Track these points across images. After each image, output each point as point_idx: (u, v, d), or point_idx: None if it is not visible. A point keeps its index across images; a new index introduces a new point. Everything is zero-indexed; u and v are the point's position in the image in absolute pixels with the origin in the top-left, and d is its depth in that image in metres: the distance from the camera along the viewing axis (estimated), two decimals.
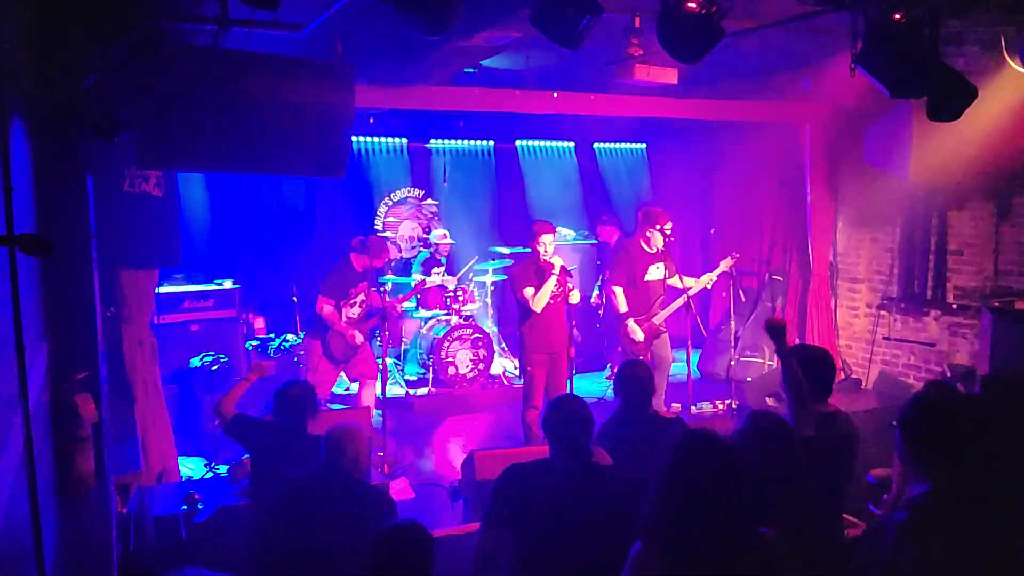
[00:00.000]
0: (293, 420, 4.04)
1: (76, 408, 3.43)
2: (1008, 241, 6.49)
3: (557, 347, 6.06)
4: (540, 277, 5.92)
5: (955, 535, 2.25)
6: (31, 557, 2.32)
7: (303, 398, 4.08)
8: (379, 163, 8.96)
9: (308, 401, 4.10)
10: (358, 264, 6.44)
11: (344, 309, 6.39)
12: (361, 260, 6.43)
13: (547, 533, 2.92)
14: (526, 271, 6.01)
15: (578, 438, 3.02)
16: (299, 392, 4.10)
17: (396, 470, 5.84)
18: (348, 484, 3.45)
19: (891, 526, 2.30)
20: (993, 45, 5.89)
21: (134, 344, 5.18)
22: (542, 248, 5.89)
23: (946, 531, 2.25)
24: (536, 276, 5.94)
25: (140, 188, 4.98)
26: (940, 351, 7.04)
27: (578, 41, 3.94)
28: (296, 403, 4.05)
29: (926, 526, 2.26)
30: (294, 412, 4.04)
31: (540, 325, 5.99)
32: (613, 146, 10.17)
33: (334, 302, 6.32)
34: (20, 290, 2.21)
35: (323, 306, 6.28)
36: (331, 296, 6.32)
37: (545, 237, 5.91)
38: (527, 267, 6.03)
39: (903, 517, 2.29)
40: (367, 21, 4.72)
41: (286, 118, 4.31)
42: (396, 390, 7.63)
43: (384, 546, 2.67)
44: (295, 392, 4.09)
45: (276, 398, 4.10)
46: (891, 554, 2.25)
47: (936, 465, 2.36)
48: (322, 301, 6.29)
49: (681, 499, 2.12)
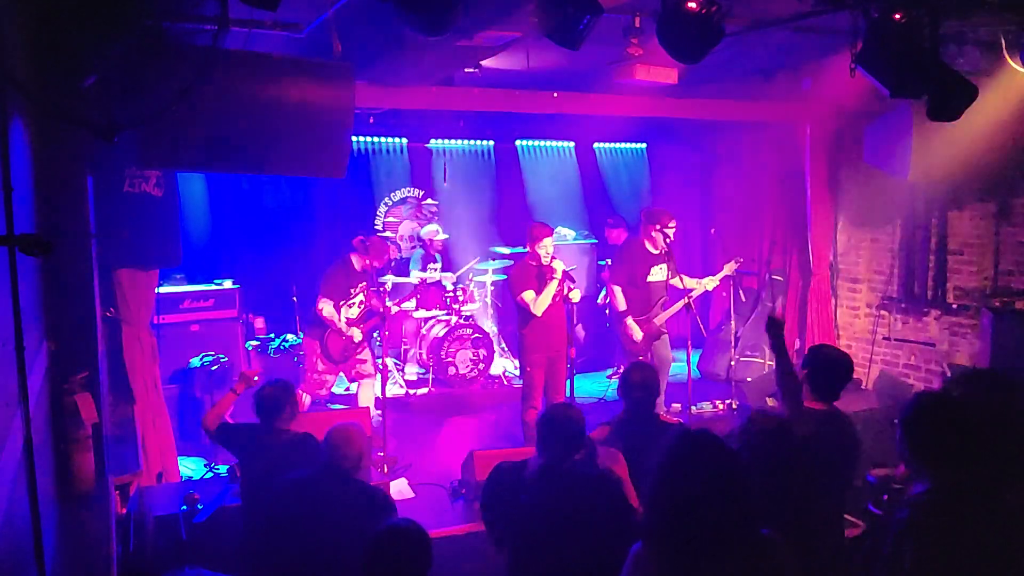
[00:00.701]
0: (270, 420, 4.03)
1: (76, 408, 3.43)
2: (1008, 241, 6.48)
3: (556, 348, 6.06)
4: (541, 281, 5.90)
5: (955, 533, 2.25)
6: (31, 557, 2.32)
7: (278, 398, 4.06)
8: (379, 163, 8.96)
9: (284, 400, 4.07)
10: (358, 264, 6.44)
11: (343, 309, 6.39)
12: (361, 260, 6.43)
13: (526, 531, 2.98)
14: (525, 273, 5.99)
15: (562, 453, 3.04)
16: (274, 392, 4.07)
17: (396, 470, 5.84)
18: (348, 484, 3.46)
19: (892, 524, 2.31)
20: (993, 45, 5.88)
21: (134, 344, 5.18)
22: (543, 252, 5.87)
23: (946, 529, 2.26)
24: (536, 279, 5.92)
25: (140, 188, 4.98)
26: (940, 351, 7.04)
27: (578, 41, 3.94)
28: (272, 403, 4.04)
29: (926, 524, 2.27)
30: (271, 412, 4.03)
31: (539, 326, 5.98)
32: (613, 146, 10.17)
33: (334, 302, 6.32)
34: (20, 290, 2.21)
35: (323, 306, 6.28)
36: (331, 296, 6.32)
37: (546, 240, 5.90)
38: (526, 269, 6.01)
39: (904, 515, 2.30)
40: (367, 21, 4.72)
41: (286, 118, 4.31)
42: (396, 390, 7.63)
43: (380, 546, 2.67)
44: (270, 392, 4.07)
45: (254, 399, 4.09)
46: (892, 551, 2.26)
47: (936, 464, 2.37)
48: (322, 301, 6.29)
49: (677, 499, 2.13)
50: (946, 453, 2.36)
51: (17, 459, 2.30)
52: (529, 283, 5.92)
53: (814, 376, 3.41)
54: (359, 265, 6.44)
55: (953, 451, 2.36)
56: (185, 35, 2.38)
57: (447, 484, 5.55)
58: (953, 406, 2.47)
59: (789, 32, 5.45)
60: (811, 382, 3.40)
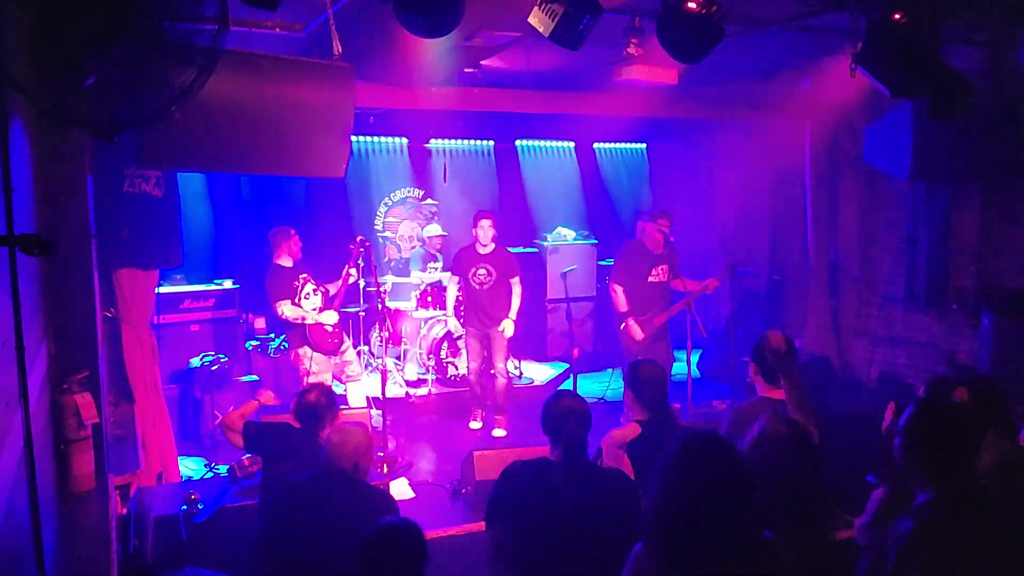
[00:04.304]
0: (313, 426, 4.05)
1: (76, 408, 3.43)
2: (1008, 241, 6.48)
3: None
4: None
5: (960, 543, 2.23)
6: (31, 557, 2.32)
7: (324, 406, 4.08)
8: (379, 163, 8.96)
9: (329, 409, 4.10)
10: (286, 261, 6.36)
11: (304, 303, 6.34)
12: (282, 256, 6.36)
13: (544, 532, 2.92)
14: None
15: (575, 434, 3.01)
16: (320, 399, 4.10)
17: (396, 470, 5.85)
18: (349, 485, 3.45)
19: (896, 537, 2.29)
20: (993, 45, 5.89)
21: (134, 344, 5.18)
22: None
23: (951, 539, 2.24)
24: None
25: (140, 188, 4.98)
26: (940, 351, 7.04)
27: (578, 41, 3.94)
28: (317, 411, 4.06)
29: (931, 535, 2.24)
30: (314, 419, 4.05)
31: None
32: (613, 146, 10.17)
33: (288, 300, 6.26)
34: (20, 290, 2.21)
35: (282, 309, 6.21)
36: (281, 297, 6.23)
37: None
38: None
39: (909, 527, 2.27)
40: (367, 21, 4.72)
41: (286, 118, 4.31)
42: (396, 390, 7.63)
43: (375, 544, 2.67)
44: (316, 399, 4.09)
45: (299, 403, 4.11)
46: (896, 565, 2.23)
47: (939, 473, 2.34)
48: (278, 307, 6.22)
49: (683, 500, 2.12)
50: (948, 461, 2.34)
51: (17, 459, 2.30)
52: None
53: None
54: (287, 262, 6.36)
55: (955, 459, 2.35)
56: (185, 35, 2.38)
57: (447, 484, 5.55)
58: (953, 413, 2.46)
59: (789, 32, 5.45)
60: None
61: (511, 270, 6.85)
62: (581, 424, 3.03)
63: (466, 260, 6.84)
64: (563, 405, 3.09)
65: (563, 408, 3.07)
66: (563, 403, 3.11)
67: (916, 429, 2.40)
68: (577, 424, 3.02)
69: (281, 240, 6.36)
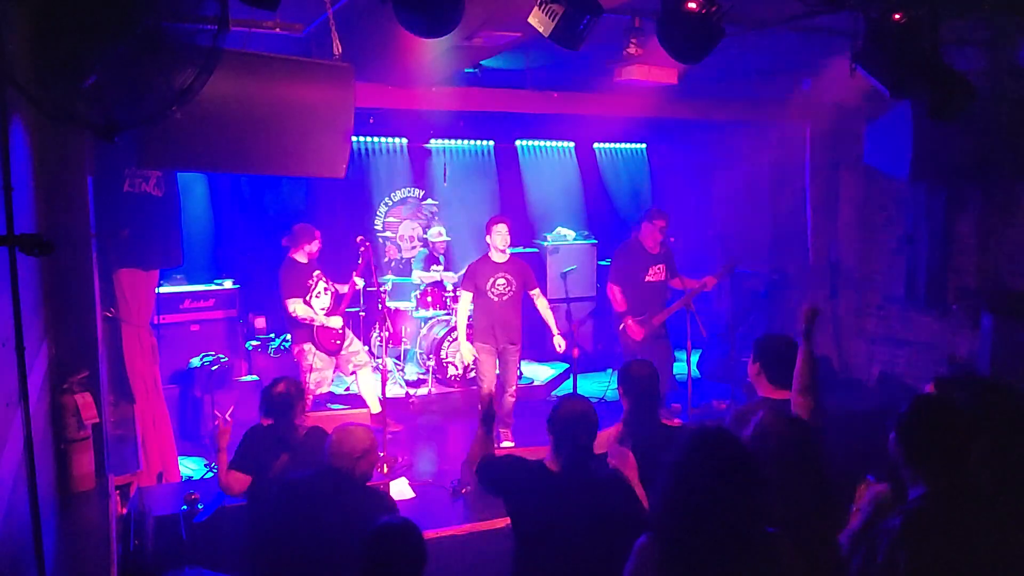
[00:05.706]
0: (287, 416, 4.06)
1: (76, 408, 3.43)
2: (1008, 241, 6.48)
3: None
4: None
5: (950, 540, 2.24)
6: (31, 557, 2.32)
7: (291, 394, 4.09)
8: (379, 163, 8.97)
9: (296, 396, 4.11)
10: (302, 258, 6.45)
11: (314, 301, 6.42)
12: (298, 253, 6.44)
13: (544, 534, 2.93)
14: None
15: (578, 438, 3.01)
16: (286, 388, 4.10)
17: (396, 470, 5.84)
18: (349, 485, 3.45)
19: (885, 533, 2.30)
20: (993, 45, 5.89)
21: (134, 344, 5.18)
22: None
23: (941, 536, 2.24)
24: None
25: (140, 188, 4.98)
26: (940, 351, 7.04)
27: (578, 41, 3.94)
28: (286, 399, 4.06)
29: (921, 531, 2.25)
30: (285, 408, 4.06)
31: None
32: (613, 146, 10.17)
33: (301, 299, 6.34)
34: (20, 290, 2.21)
35: (293, 307, 6.29)
36: (294, 295, 6.33)
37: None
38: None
39: (898, 523, 2.28)
40: (367, 21, 4.72)
41: (286, 118, 4.30)
42: (396, 390, 7.63)
43: (374, 544, 2.67)
44: (282, 390, 4.09)
45: (266, 398, 4.11)
46: (886, 560, 2.24)
47: (932, 470, 2.35)
48: (290, 304, 6.30)
49: (691, 495, 2.13)
50: (941, 458, 2.35)
51: (17, 459, 2.30)
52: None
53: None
54: (303, 258, 6.45)
55: (949, 456, 2.35)
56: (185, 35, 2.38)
57: (447, 484, 5.55)
58: (949, 411, 2.46)
59: (789, 32, 5.45)
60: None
61: (529, 281, 6.53)
62: (588, 435, 3.04)
63: (481, 272, 6.39)
64: (575, 411, 3.09)
65: (575, 414, 3.07)
66: (575, 408, 3.11)
67: (910, 425, 2.41)
68: (586, 435, 3.03)
69: (304, 239, 6.45)
